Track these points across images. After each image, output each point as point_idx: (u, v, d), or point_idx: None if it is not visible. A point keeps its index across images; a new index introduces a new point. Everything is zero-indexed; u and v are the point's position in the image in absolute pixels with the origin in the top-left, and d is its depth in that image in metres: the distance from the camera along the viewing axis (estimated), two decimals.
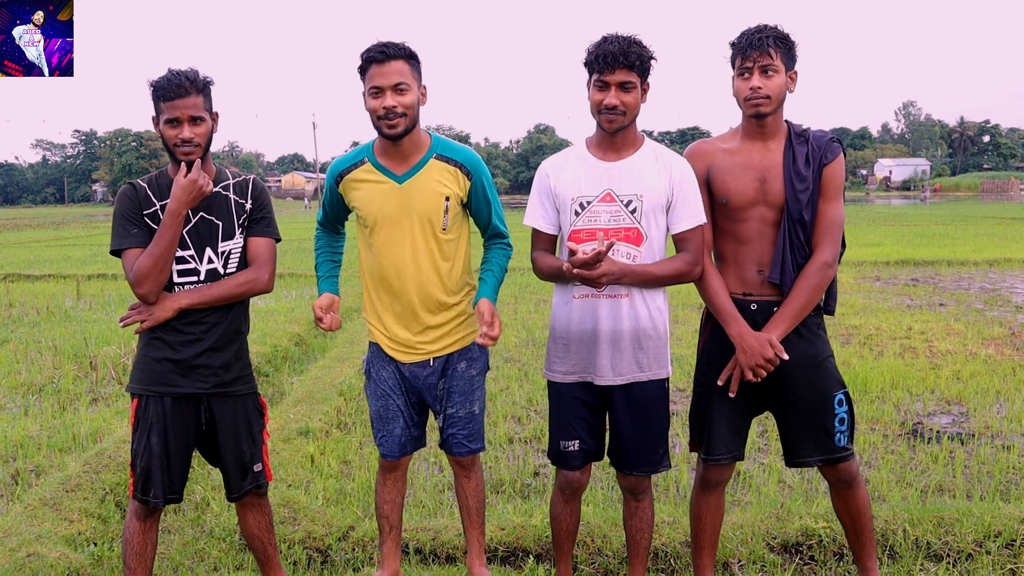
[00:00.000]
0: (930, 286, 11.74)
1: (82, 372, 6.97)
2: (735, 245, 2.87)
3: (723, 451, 2.91)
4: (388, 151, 2.93)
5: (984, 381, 6.17)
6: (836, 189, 2.80)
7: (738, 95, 2.79)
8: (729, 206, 2.83)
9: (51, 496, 3.89)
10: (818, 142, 2.81)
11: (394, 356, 3.04)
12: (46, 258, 18.91)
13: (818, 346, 2.86)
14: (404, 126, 2.82)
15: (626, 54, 2.66)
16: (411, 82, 2.82)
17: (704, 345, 2.98)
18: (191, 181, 2.70)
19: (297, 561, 3.52)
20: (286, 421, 5.21)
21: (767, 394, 2.89)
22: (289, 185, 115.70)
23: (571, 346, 2.87)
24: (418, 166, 2.92)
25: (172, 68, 2.74)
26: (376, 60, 2.78)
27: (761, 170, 2.80)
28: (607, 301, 2.80)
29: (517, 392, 6.11)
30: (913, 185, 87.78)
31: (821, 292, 2.80)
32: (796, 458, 2.91)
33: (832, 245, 2.79)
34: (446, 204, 2.92)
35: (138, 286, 2.72)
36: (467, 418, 3.08)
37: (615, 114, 2.72)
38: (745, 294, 2.86)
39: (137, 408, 2.82)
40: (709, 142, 2.96)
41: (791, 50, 2.76)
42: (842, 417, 2.86)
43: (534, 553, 3.49)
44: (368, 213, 2.95)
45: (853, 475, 2.91)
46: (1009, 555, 3.36)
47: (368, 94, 2.83)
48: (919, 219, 29.84)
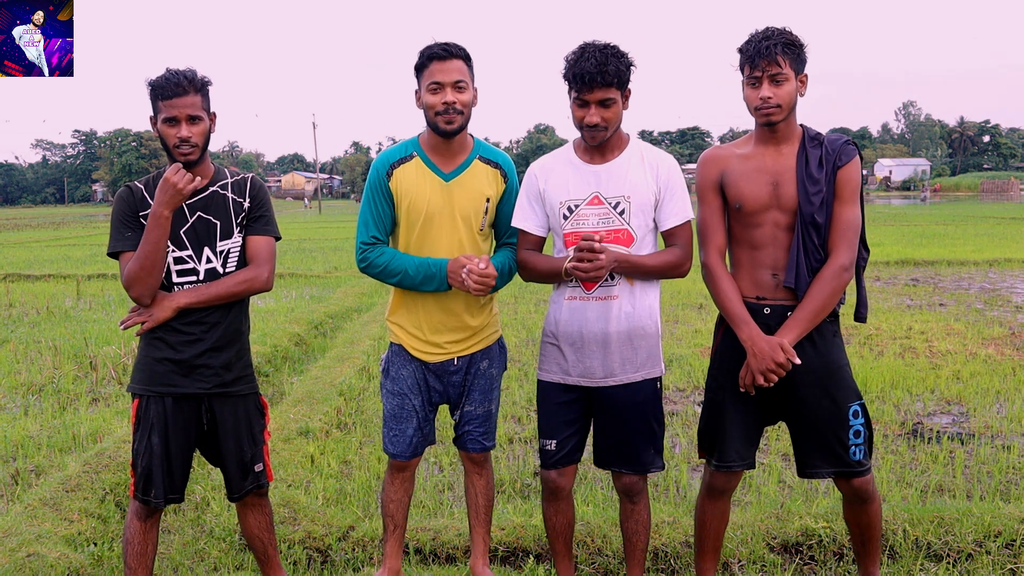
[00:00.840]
0: (930, 286, 11.74)
1: (82, 372, 6.97)
2: (750, 250, 2.84)
3: (736, 459, 2.87)
4: (438, 148, 2.95)
5: (984, 381, 6.17)
6: (852, 192, 2.76)
7: (748, 104, 2.76)
8: (743, 211, 2.81)
9: (51, 496, 3.89)
10: (832, 145, 2.78)
11: (418, 356, 3.04)
12: (46, 258, 18.92)
13: (833, 354, 2.79)
14: (460, 123, 2.87)
15: (604, 73, 2.65)
16: (468, 81, 2.88)
17: (716, 351, 2.94)
18: (165, 180, 2.68)
19: (297, 561, 3.52)
20: (286, 421, 5.21)
21: (780, 403, 2.83)
22: (289, 185, 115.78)
23: (562, 348, 2.88)
24: (464, 165, 2.96)
25: (170, 68, 2.75)
26: (438, 57, 2.84)
27: (774, 174, 2.77)
28: (597, 304, 2.81)
29: (517, 392, 6.11)
30: (913, 185, 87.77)
31: (836, 297, 2.74)
32: (807, 468, 2.85)
33: (849, 249, 2.73)
34: (486, 205, 2.97)
35: (130, 289, 2.73)
36: (484, 416, 3.10)
37: (597, 131, 2.75)
38: (759, 298, 2.82)
39: (138, 408, 2.82)
40: (723, 148, 2.95)
41: (800, 54, 2.72)
42: (858, 430, 2.77)
43: (534, 553, 3.49)
44: (416, 206, 2.93)
45: (870, 493, 2.83)
46: (1009, 555, 3.36)
47: (427, 90, 2.85)
48: (919, 219, 29.84)
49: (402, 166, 2.97)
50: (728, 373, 2.85)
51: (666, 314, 9.39)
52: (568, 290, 2.85)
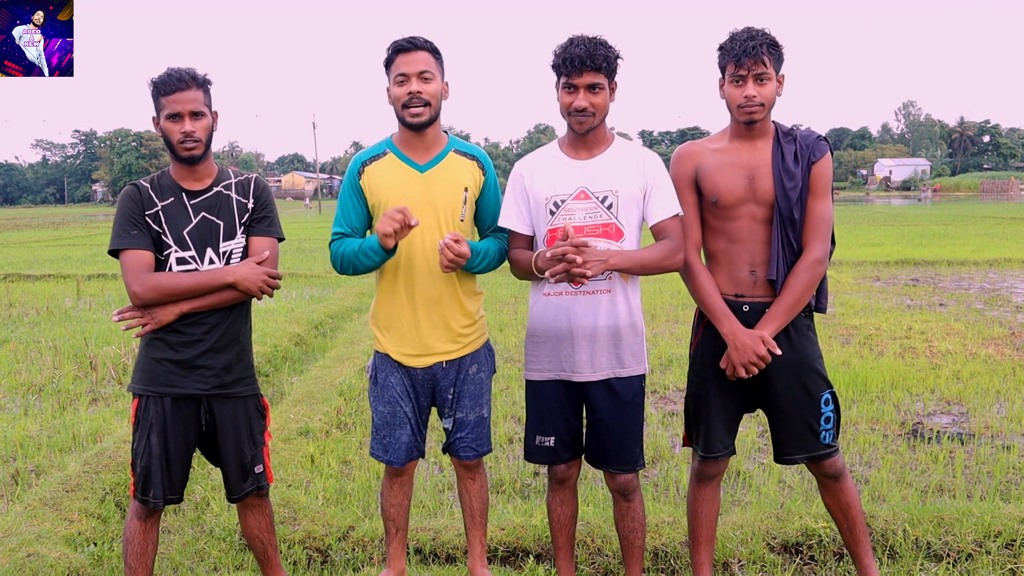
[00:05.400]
0: (930, 286, 11.74)
1: (82, 372, 6.97)
2: (726, 244, 2.90)
3: (720, 448, 2.97)
4: (410, 142, 2.96)
5: (984, 381, 6.17)
6: (825, 187, 2.85)
7: (731, 101, 2.81)
8: (719, 204, 2.86)
9: (51, 496, 3.89)
10: (806, 140, 2.85)
11: (404, 363, 3.02)
12: (46, 258, 18.91)
13: (807, 348, 2.89)
14: (428, 115, 2.87)
15: (593, 57, 2.69)
16: (435, 72, 2.88)
17: (697, 346, 3.01)
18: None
19: (297, 561, 3.52)
20: (286, 421, 5.21)
21: (758, 392, 2.94)
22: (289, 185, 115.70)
23: (547, 344, 2.89)
24: (439, 157, 2.97)
25: (172, 67, 2.75)
26: (404, 49, 2.85)
27: (750, 168, 2.84)
28: (586, 298, 2.82)
29: (517, 392, 6.10)
30: (913, 185, 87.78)
31: (812, 289, 2.83)
32: (783, 455, 2.97)
33: (822, 242, 2.82)
34: (464, 195, 2.96)
35: (144, 293, 2.69)
36: (476, 422, 3.08)
37: (585, 116, 2.76)
38: (737, 295, 2.89)
39: (137, 408, 2.82)
40: (697, 143, 3.00)
41: (781, 55, 2.81)
42: (828, 416, 2.91)
43: (534, 553, 3.49)
44: (389, 200, 2.92)
45: (839, 469, 2.95)
46: (1009, 555, 3.36)
47: (394, 82, 2.87)
48: (919, 219, 29.84)
49: (374, 163, 2.98)
50: (710, 367, 2.93)
51: (666, 314, 9.40)
52: (549, 286, 2.83)
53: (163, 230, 2.78)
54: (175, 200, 2.81)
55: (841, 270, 13.50)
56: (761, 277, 2.85)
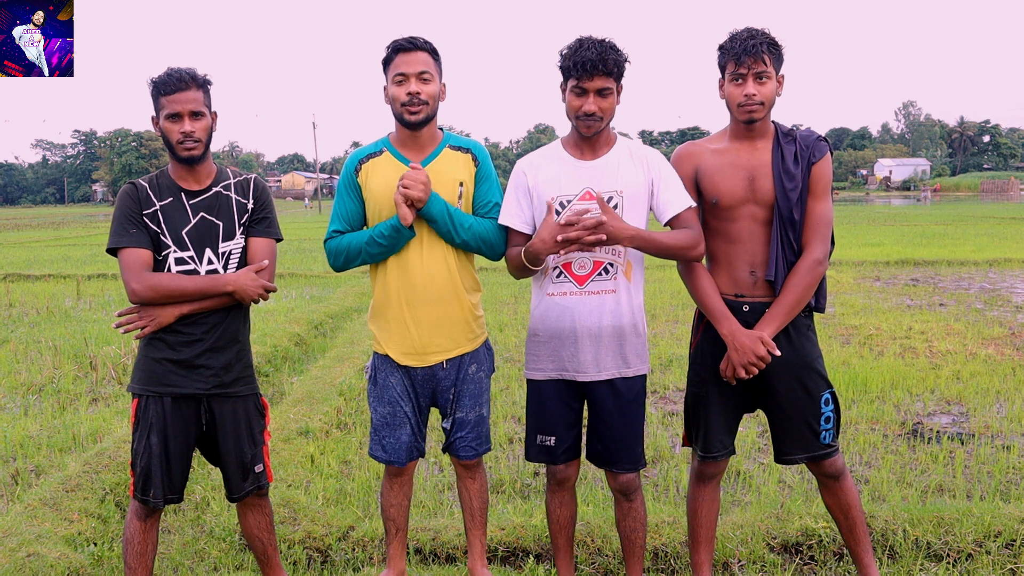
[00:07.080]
0: (930, 286, 11.74)
1: (82, 372, 6.97)
2: (726, 245, 2.90)
3: (719, 448, 2.97)
4: (406, 141, 2.97)
5: (984, 381, 6.17)
6: (824, 187, 2.85)
7: (731, 100, 2.81)
8: (719, 205, 2.87)
9: (51, 496, 3.89)
10: (806, 141, 2.85)
11: (404, 363, 3.01)
12: (46, 258, 18.91)
13: (807, 348, 2.89)
14: (426, 114, 2.88)
15: (604, 60, 2.68)
16: (434, 73, 2.89)
17: (697, 347, 3.01)
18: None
19: (297, 561, 3.52)
20: (286, 421, 5.21)
21: (758, 393, 2.93)
22: (289, 185, 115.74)
23: (550, 344, 2.89)
24: (434, 154, 2.98)
25: (172, 67, 2.75)
26: (403, 49, 2.86)
27: (750, 169, 2.84)
28: (590, 298, 2.82)
29: (517, 392, 6.10)
30: (913, 185, 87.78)
31: (812, 289, 2.83)
32: (783, 455, 2.97)
33: (822, 242, 2.83)
34: (460, 190, 2.97)
35: (143, 292, 2.70)
36: (476, 421, 3.08)
37: (593, 120, 2.76)
38: (737, 296, 2.89)
39: (137, 408, 2.82)
40: (696, 144, 3.00)
41: (780, 55, 2.81)
42: (828, 416, 2.91)
43: (534, 553, 3.49)
44: (386, 197, 2.91)
45: (839, 469, 2.96)
46: (1009, 555, 3.36)
47: (392, 81, 2.88)
48: (919, 219, 29.84)
49: (370, 161, 2.99)
50: (709, 368, 2.94)
51: (666, 314, 9.40)
52: (556, 285, 2.84)
53: (161, 230, 2.78)
54: (174, 200, 2.81)
55: (841, 270, 13.50)
56: (761, 277, 2.86)
